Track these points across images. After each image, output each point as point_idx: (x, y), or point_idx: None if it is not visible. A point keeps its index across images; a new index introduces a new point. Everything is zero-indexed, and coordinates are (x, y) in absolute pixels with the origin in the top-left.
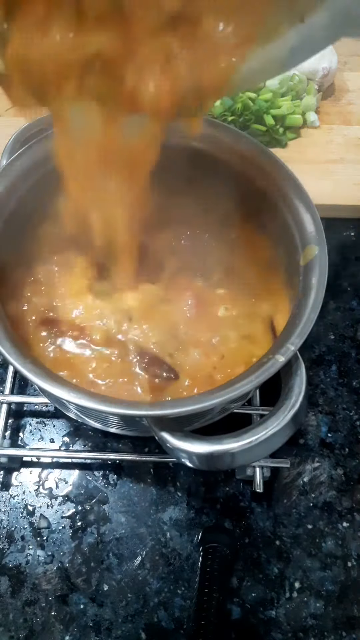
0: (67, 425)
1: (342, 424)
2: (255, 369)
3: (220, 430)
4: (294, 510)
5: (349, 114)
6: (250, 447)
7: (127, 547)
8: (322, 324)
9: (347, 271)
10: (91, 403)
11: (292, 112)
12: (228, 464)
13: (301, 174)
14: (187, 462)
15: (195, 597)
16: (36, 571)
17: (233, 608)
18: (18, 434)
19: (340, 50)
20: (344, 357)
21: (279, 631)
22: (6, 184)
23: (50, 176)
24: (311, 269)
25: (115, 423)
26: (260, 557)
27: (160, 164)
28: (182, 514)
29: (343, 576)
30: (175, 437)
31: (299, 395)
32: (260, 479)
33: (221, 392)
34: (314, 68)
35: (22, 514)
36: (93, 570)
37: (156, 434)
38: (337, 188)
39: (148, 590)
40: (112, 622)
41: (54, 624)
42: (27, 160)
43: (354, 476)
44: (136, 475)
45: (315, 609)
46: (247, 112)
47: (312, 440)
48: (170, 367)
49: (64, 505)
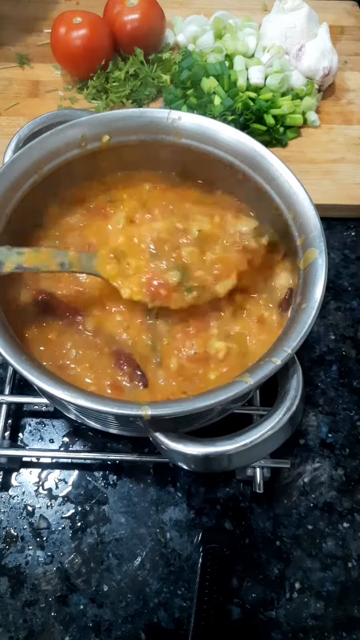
0: (67, 425)
1: (343, 424)
2: (251, 371)
3: (220, 432)
4: (294, 510)
5: (350, 114)
6: (247, 449)
7: (127, 548)
8: (322, 324)
9: (347, 271)
10: (86, 402)
11: (293, 111)
12: (225, 466)
13: (302, 173)
14: (182, 465)
15: (195, 598)
16: (36, 572)
17: (233, 609)
18: (18, 434)
19: (340, 49)
20: (345, 357)
21: (279, 632)
22: (6, 183)
23: (49, 176)
24: (311, 273)
25: (114, 423)
26: (261, 557)
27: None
28: (182, 515)
29: (343, 577)
30: (170, 439)
31: (295, 399)
32: (260, 480)
33: (215, 394)
34: (315, 68)
35: (22, 514)
36: (93, 570)
37: (150, 435)
38: (338, 187)
39: (148, 590)
40: (112, 622)
41: (53, 624)
42: (27, 160)
43: (355, 476)
44: (136, 475)
45: (315, 609)
46: (247, 112)
47: (312, 441)
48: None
49: (64, 505)
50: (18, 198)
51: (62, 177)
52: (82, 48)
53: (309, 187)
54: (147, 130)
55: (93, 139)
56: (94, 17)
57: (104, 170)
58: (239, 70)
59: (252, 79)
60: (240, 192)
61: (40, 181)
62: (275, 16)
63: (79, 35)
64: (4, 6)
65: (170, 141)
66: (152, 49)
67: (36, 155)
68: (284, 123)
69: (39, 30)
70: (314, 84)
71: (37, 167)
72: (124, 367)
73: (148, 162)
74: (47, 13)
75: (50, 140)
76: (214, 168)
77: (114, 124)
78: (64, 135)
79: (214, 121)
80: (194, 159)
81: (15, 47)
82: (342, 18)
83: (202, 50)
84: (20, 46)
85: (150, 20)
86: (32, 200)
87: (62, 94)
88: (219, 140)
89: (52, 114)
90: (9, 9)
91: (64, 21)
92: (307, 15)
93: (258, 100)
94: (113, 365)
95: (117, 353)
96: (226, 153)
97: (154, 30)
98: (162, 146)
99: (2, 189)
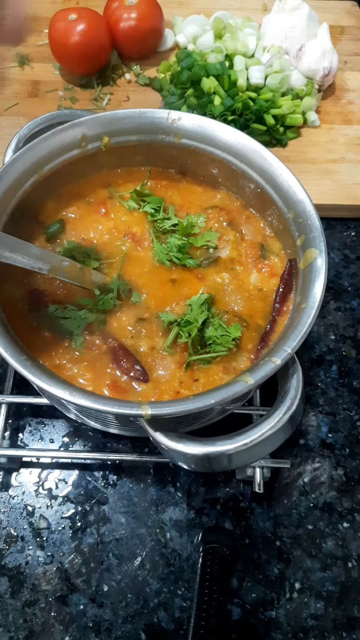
0: (67, 425)
1: (343, 424)
2: (251, 371)
3: (220, 431)
4: (294, 510)
5: (350, 114)
6: (247, 449)
7: (127, 548)
8: (322, 324)
9: (347, 271)
10: (86, 401)
11: (293, 111)
12: (225, 466)
13: (302, 173)
14: (182, 464)
15: (196, 598)
16: (36, 572)
17: (233, 609)
18: (18, 434)
19: (340, 49)
20: (345, 357)
21: (279, 632)
22: (7, 184)
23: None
24: (310, 273)
25: (114, 423)
26: (261, 557)
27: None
28: (182, 515)
29: (343, 577)
30: (170, 438)
31: (295, 398)
32: (260, 480)
33: (215, 393)
34: (315, 68)
35: (22, 514)
36: (93, 570)
37: (151, 435)
38: (338, 187)
39: (148, 590)
40: (112, 622)
41: (53, 624)
42: (27, 160)
43: (355, 476)
44: (136, 475)
45: (315, 609)
46: (247, 112)
47: (312, 441)
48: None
49: (64, 505)
50: (18, 197)
51: (62, 176)
52: (80, 43)
53: (309, 187)
54: (147, 131)
55: (93, 139)
56: (90, 12)
57: (103, 168)
58: (239, 70)
59: (252, 79)
60: (240, 193)
61: (40, 181)
62: (275, 16)
63: (77, 31)
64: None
65: (170, 141)
66: (151, 49)
67: (36, 155)
68: (284, 123)
69: (39, 30)
70: (314, 84)
71: (37, 167)
72: (122, 364)
73: (148, 162)
74: (47, 13)
75: (50, 140)
76: (214, 168)
77: (114, 125)
78: (64, 135)
79: (214, 121)
80: (194, 159)
81: (15, 47)
82: (342, 18)
83: (202, 50)
84: (20, 46)
85: (148, 19)
86: (32, 199)
87: (62, 94)
88: (219, 140)
89: (52, 114)
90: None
91: (61, 19)
92: (307, 15)
93: (258, 100)
94: (112, 362)
95: (115, 349)
96: (226, 153)
97: (153, 30)
98: (162, 146)
99: (2, 189)
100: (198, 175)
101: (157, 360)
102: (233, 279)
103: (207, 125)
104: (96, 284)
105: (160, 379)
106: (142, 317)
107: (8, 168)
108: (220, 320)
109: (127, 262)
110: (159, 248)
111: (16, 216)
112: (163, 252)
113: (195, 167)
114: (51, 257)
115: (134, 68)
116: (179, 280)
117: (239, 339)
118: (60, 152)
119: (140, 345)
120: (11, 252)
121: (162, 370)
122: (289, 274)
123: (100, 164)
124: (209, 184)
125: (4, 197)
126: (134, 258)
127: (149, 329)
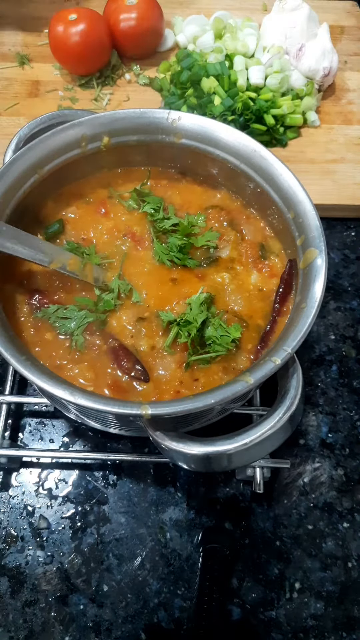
0: (67, 425)
1: (343, 424)
2: (251, 371)
3: (220, 431)
4: (294, 510)
5: (350, 114)
6: (247, 449)
7: (127, 548)
8: (322, 324)
9: (347, 271)
10: (86, 401)
11: (293, 111)
12: (225, 465)
13: (302, 173)
14: (183, 464)
15: (196, 598)
16: (36, 572)
17: (233, 609)
18: (18, 434)
19: (340, 49)
20: (345, 357)
21: (279, 632)
22: (7, 184)
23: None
24: (310, 273)
25: (115, 423)
26: (261, 557)
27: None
28: (182, 515)
29: (343, 577)
30: (170, 438)
31: (295, 398)
32: (260, 480)
33: (215, 393)
34: (315, 68)
35: (22, 514)
36: (93, 570)
37: (151, 435)
38: (338, 188)
39: (148, 591)
40: (112, 622)
41: (53, 624)
42: (27, 160)
43: (355, 476)
44: (136, 475)
45: (315, 609)
46: (247, 112)
47: (312, 441)
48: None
49: (64, 505)
50: (18, 197)
51: (62, 176)
52: (80, 43)
53: (309, 187)
54: (147, 131)
55: (93, 140)
56: (90, 12)
57: (103, 167)
58: (239, 70)
59: (252, 79)
60: (240, 192)
61: (40, 180)
62: (276, 16)
63: (76, 31)
64: (4, 6)
65: (170, 141)
66: (151, 49)
67: (36, 155)
68: (284, 123)
69: (39, 30)
70: (314, 84)
71: (37, 167)
72: (123, 364)
73: (148, 162)
74: (46, 13)
75: (50, 140)
76: (214, 168)
77: (114, 125)
78: (64, 135)
79: (214, 121)
80: (194, 159)
81: (15, 47)
82: (342, 18)
83: (202, 50)
84: (20, 46)
85: (148, 19)
86: (32, 199)
87: (62, 94)
88: (219, 140)
89: (52, 114)
90: (8, 8)
91: (61, 19)
92: (307, 15)
93: (258, 100)
94: (112, 362)
95: (116, 349)
96: (226, 153)
97: (152, 30)
98: (162, 146)
99: (2, 189)
100: (198, 175)
101: (158, 360)
102: (233, 278)
103: (207, 125)
104: (97, 278)
105: (160, 378)
106: (142, 317)
107: (8, 168)
108: (220, 320)
109: (127, 261)
110: (159, 248)
111: (16, 216)
112: (163, 252)
113: (195, 167)
114: (52, 249)
115: (134, 68)
116: (179, 279)
117: (238, 340)
118: (60, 152)
119: (140, 345)
120: (12, 243)
121: (162, 370)
122: (289, 274)
123: (100, 164)
124: (209, 184)
125: (4, 197)
126: (134, 258)
127: (148, 329)
